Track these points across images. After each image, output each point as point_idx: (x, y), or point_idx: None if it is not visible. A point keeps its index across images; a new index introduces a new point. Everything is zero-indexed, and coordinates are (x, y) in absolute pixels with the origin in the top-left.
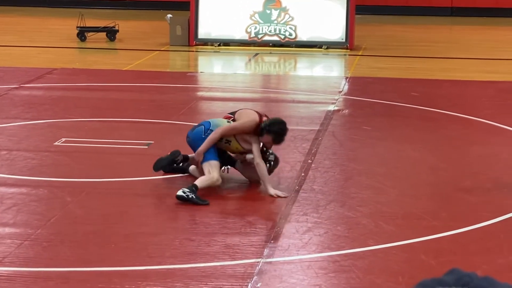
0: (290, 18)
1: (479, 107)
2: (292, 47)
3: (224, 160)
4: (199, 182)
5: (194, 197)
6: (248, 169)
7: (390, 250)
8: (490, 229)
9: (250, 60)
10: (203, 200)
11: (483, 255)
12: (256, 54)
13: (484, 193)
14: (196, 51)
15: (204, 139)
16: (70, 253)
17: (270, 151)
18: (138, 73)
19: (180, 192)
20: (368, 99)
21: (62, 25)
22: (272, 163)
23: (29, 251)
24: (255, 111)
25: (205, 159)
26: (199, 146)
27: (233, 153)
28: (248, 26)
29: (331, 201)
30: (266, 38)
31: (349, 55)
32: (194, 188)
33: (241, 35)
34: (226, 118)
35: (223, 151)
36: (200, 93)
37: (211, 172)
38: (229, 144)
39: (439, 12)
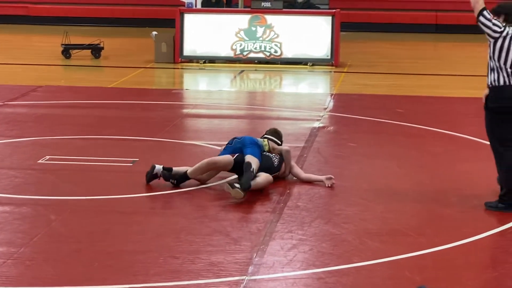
0: (276, 35)
1: (463, 124)
2: (277, 64)
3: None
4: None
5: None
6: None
7: (375, 267)
8: (475, 245)
9: (235, 77)
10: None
11: (468, 271)
12: (242, 71)
13: (469, 210)
14: (181, 68)
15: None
16: (54, 271)
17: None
18: (123, 90)
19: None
20: (353, 116)
21: (47, 42)
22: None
23: (12, 270)
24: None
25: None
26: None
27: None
28: (233, 43)
29: (316, 218)
30: (252, 55)
31: (334, 72)
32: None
33: (226, 52)
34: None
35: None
36: (185, 110)
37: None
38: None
39: (424, 29)
